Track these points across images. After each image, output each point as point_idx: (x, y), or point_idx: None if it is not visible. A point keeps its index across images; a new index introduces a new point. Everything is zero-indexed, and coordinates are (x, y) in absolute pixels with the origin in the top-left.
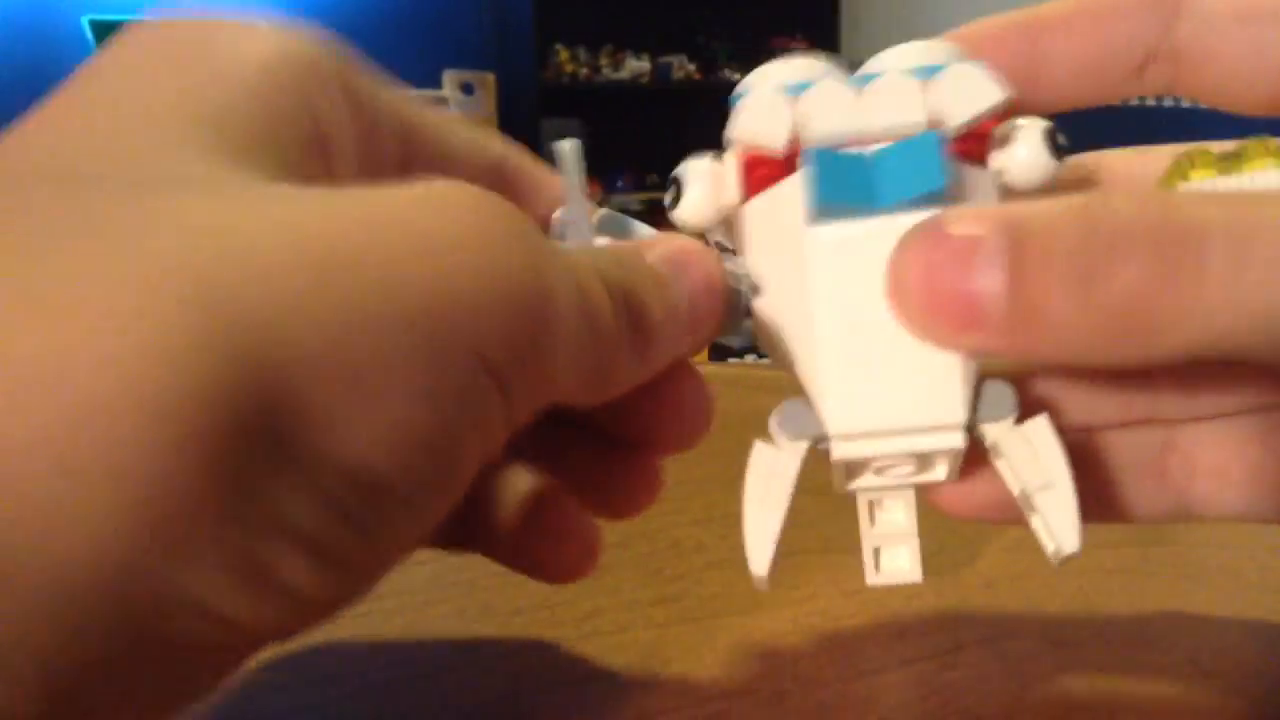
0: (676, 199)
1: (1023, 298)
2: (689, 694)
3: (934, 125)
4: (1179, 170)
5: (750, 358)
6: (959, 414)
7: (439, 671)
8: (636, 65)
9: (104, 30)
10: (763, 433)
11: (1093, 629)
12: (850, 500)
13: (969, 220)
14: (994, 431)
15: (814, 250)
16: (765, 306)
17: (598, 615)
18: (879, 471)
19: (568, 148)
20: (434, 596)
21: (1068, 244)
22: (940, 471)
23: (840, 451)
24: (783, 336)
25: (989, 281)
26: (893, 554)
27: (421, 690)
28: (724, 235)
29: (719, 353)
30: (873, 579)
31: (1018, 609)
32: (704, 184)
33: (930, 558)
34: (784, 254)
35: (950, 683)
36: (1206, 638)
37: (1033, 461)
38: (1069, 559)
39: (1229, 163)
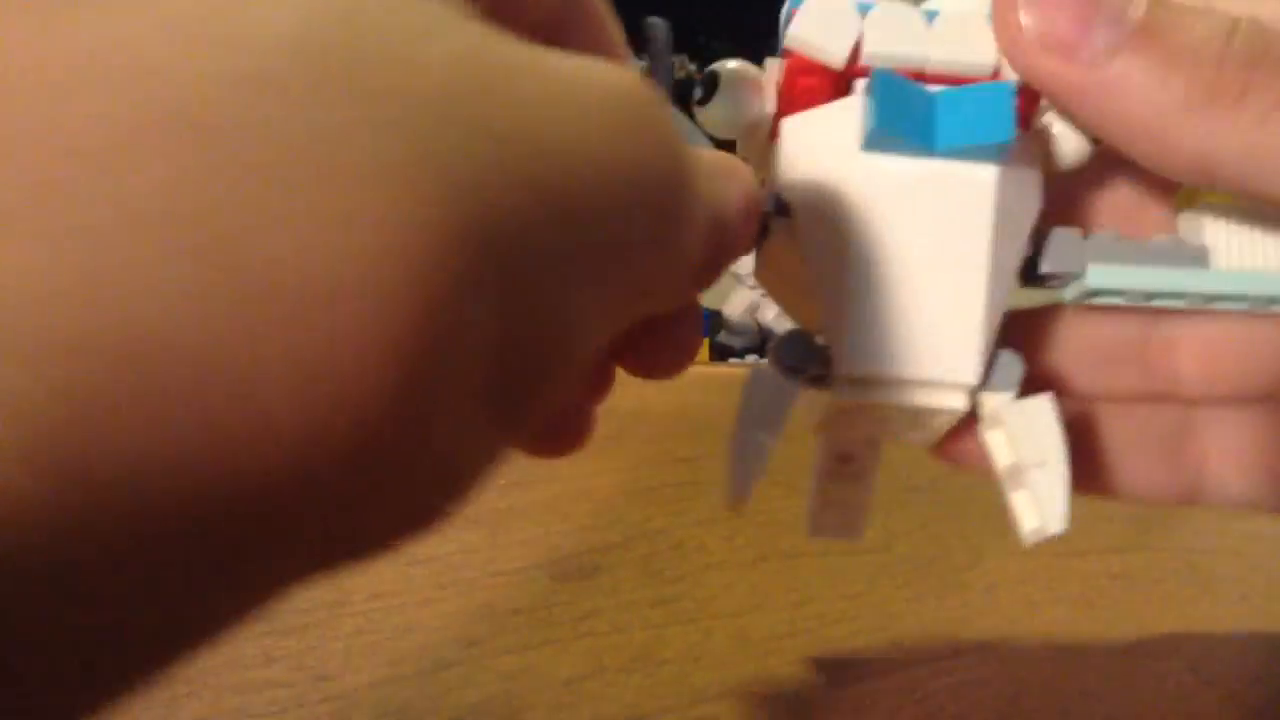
0: (708, 96)
1: (1139, 64)
2: (682, 695)
3: (999, 71)
4: (1187, 195)
5: (751, 358)
6: (972, 375)
7: (436, 670)
8: (636, 65)
9: None
10: None
11: (1093, 635)
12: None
13: None
14: (995, 401)
15: (865, 179)
16: (788, 231)
17: (595, 615)
18: (858, 420)
19: (661, 27)
20: (433, 595)
21: (1203, 46)
22: (923, 436)
23: (840, 394)
24: (804, 264)
25: (1112, 31)
26: (843, 510)
27: (417, 688)
28: (744, 147)
29: (720, 353)
30: (814, 534)
31: (1018, 614)
32: (741, 87)
33: (933, 561)
34: (825, 178)
35: (944, 688)
36: (1209, 646)
37: (1031, 437)
38: (1047, 538)
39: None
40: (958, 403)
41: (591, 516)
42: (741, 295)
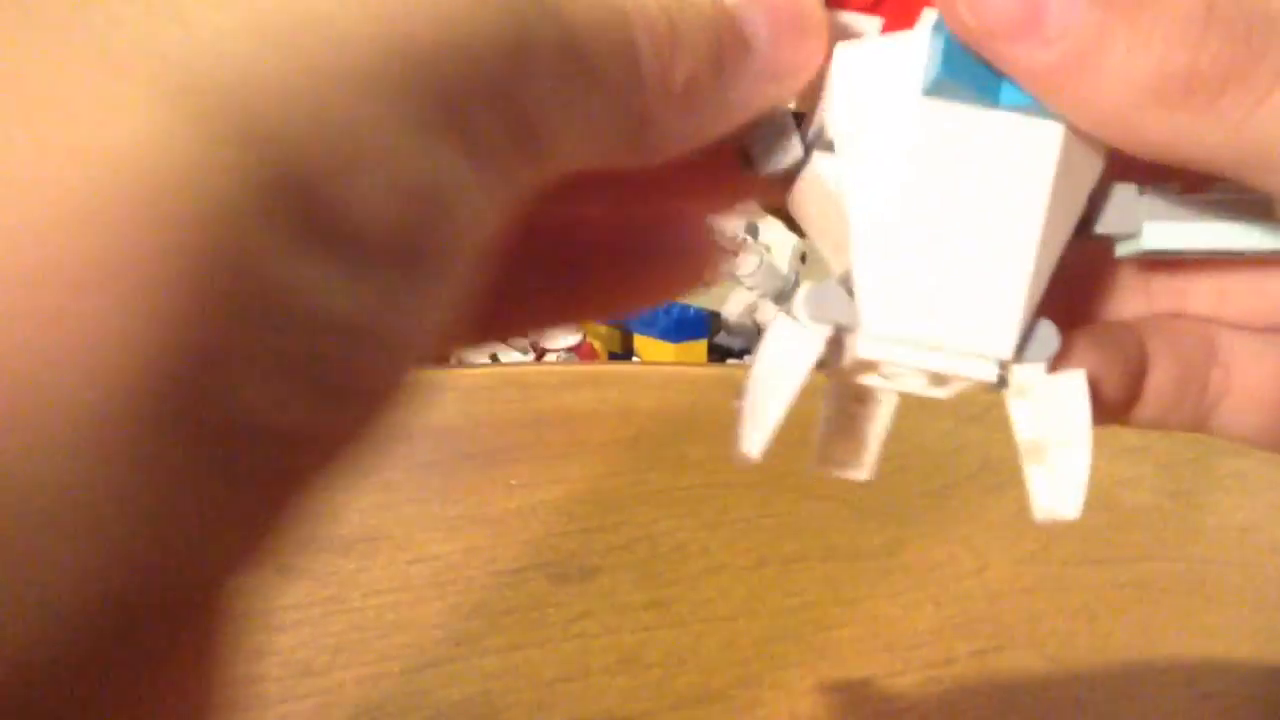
0: None
1: (1107, 28)
2: (663, 698)
3: None
4: None
5: (749, 359)
6: (1008, 349)
7: (421, 667)
8: None
9: None
10: None
11: (1092, 645)
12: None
13: None
14: (1026, 373)
15: (921, 125)
16: (831, 169)
17: (587, 616)
18: (879, 373)
19: None
20: (430, 593)
21: (1182, 12)
22: (945, 392)
23: (865, 350)
24: (843, 207)
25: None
26: (852, 443)
27: (400, 685)
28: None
29: (719, 354)
30: (819, 466)
31: (1018, 623)
32: None
33: (936, 568)
34: (878, 118)
35: (933, 696)
36: (1210, 660)
37: (1060, 415)
38: (1059, 522)
39: None
40: (988, 374)
41: (597, 518)
42: (740, 296)
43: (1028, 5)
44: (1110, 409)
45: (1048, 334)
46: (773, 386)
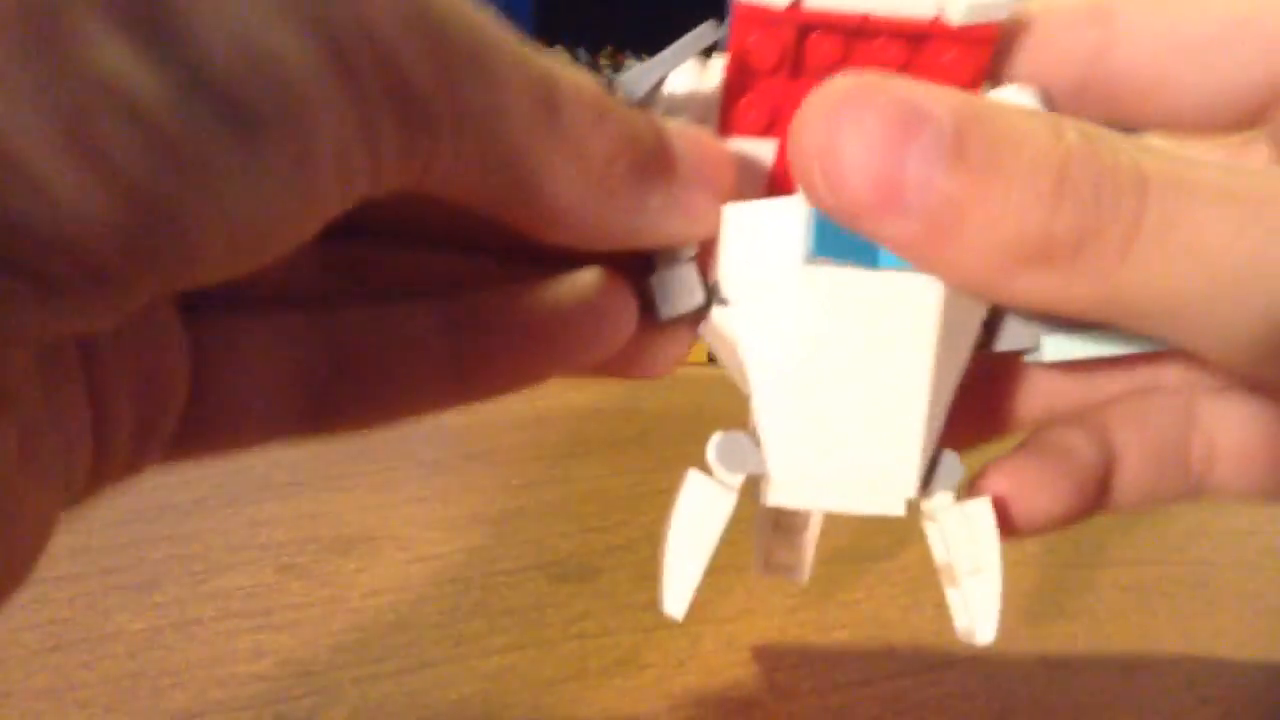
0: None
1: (964, 199)
2: (661, 700)
3: (939, 17)
4: None
5: None
6: (910, 488)
7: (420, 667)
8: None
9: None
10: None
11: (1091, 649)
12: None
13: (934, 98)
14: (935, 502)
15: (803, 291)
16: (730, 320)
17: (586, 617)
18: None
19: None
20: (429, 593)
21: (1039, 162)
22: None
23: (775, 499)
24: (744, 361)
25: (934, 170)
26: (787, 554)
27: (398, 685)
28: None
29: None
30: (763, 573)
31: (1016, 626)
32: (684, 99)
33: (935, 572)
34: (764, 280)
35: (930, 699)
36: (1210, 662)
37: (968, 542)
38: (975, 642)
39: None
40: (895, 509)
41: (599, 518)
42: None
43: (884, 183)
44: (1065, 515)
45: (951, 464)
46: (691, 546)
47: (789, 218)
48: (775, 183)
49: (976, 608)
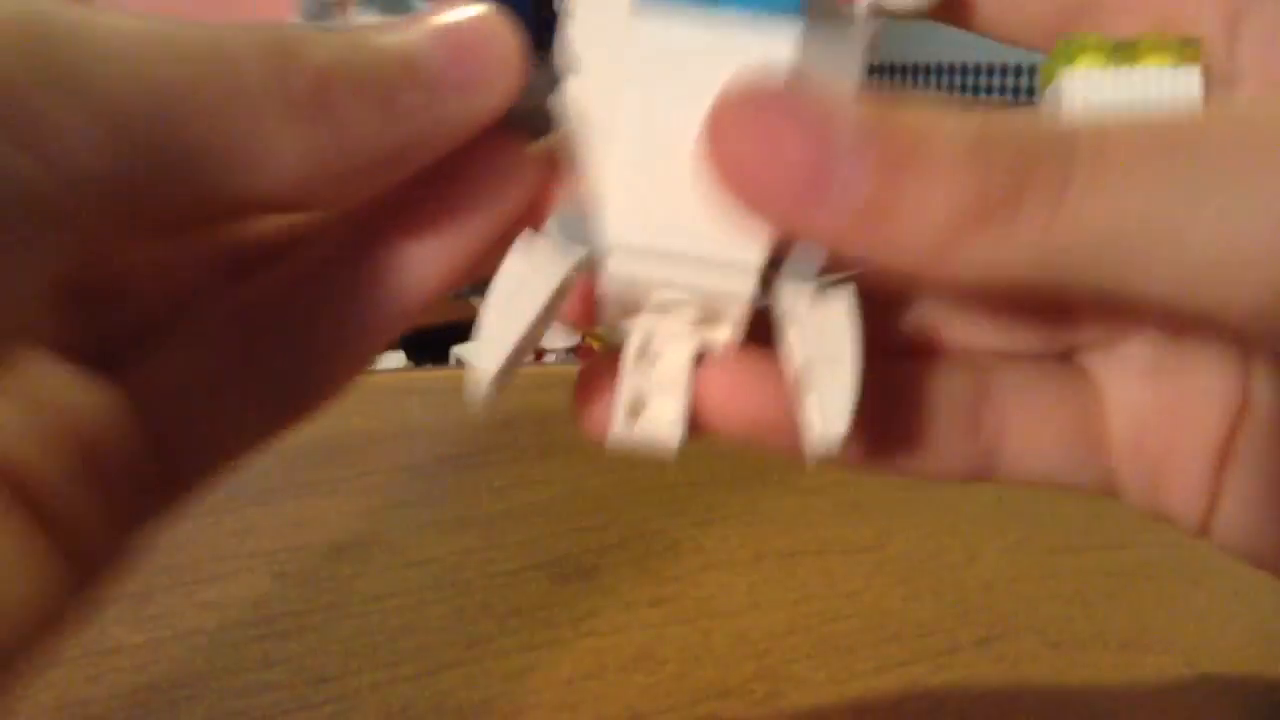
0: None
1: (888, 195)
2: (684, 694)
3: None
4: (1065, 53)
5: None
6: (755, 254)
7: (437, 670)
8: None
9: None
10: None
11: (1090, 630)
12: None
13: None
14: (790, 295)
15: (634, 44)
16: (577, 87)
17: (594, 616)
18: (659, 311)
19: None
20: (431, 597)
21: (957, 136)
22: (724, 332)
23: (616, 267)
24: (585, 127)
25: (852, 169)
26: (655, 408)
27: (419, 689)
28: None
29: None
30: (619, 432)
31: (1014, 610)
32: None
33: (927, 560)
34: (605, 36)
35: (944, 685)
36: (1203, 639)
37: (823, 333)
38: (831, 449)
39: (1122, 53)
40: (745, 285)
41: (587, 517)
42: None
43: (810, 174)
44: (769, 422)
45: (808, 251)
46: (511, 302)
47: None
48: None
49: (829, 397)
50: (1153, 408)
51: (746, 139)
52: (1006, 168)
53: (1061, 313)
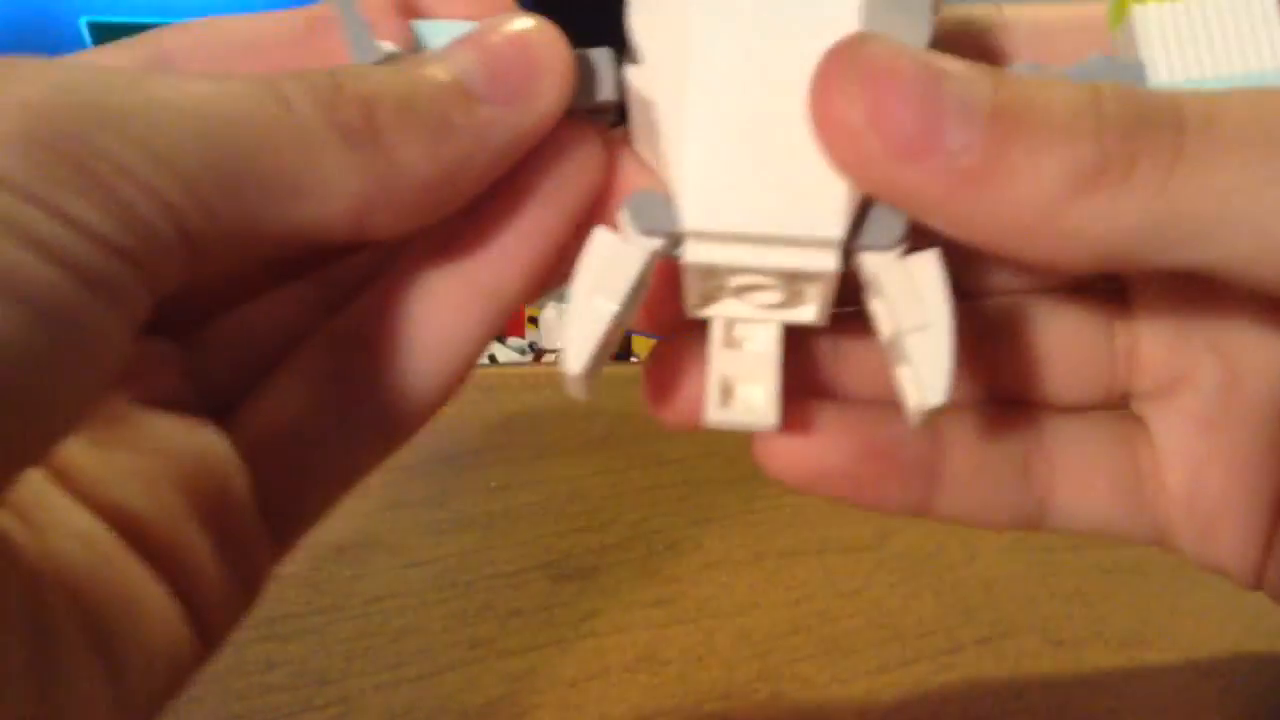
0: None
1: (998, 158)
2: (688, 694)
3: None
4: (1118, 10)
5: None
6: (836, 228)
7: (440, 671)
8: None
9: (101, 32)
10: None
11: (1091, 628)
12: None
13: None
14: (875, 263)
15: (697, 26)
16: (640, 77)
17: (595, 616)
18: (740, 295)
19: None
20: (432, 598)
21: (1074, 103)
22: (809, 311)
23: (695, 254)
24: (653, 115)
25: (961, 132)
26: (746, 390)
27: (422, 690)
28: None
29: None
30: (714, 415)
31: (1015, 609)
32: None
33: (928, 559)
34: (666, 21)
35: (948, 684)
36: (1204, 637)
37: (912, 299)
38: (933, 414)
39: None
40: (828, 262)
41: (586, 518)
42: None
43: (918, 135)
44: (845, 473)
45: (889, 217)
46: (595, 301)
47: None
48: None
49: (924, 365)
50: (1209, 458)
51: (854, 101)
52: (1121, 134)
53: (1126, 356)
